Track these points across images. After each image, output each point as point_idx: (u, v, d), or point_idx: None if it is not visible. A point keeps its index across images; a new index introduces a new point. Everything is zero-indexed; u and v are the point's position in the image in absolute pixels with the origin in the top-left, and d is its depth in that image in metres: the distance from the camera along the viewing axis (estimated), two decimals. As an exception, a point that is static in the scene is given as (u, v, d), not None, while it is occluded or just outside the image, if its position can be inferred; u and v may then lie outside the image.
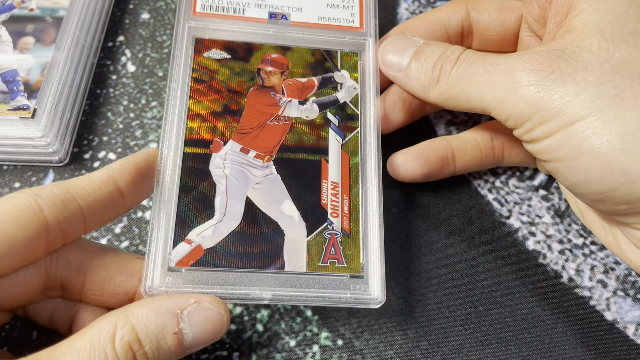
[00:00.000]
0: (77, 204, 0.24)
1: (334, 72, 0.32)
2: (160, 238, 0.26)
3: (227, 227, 0.27)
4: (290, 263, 0.27)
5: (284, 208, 0.28)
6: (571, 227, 0.33)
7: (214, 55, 0.31)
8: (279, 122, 0.30)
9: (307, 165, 0.29)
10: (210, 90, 0.30)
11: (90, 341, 0.21)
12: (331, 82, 0.31)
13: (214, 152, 0.29)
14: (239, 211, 0.28)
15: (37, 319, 0.28)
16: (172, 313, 0.23)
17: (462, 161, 0.32)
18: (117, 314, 0.23)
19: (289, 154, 0.29)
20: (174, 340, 0.23)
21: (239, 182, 0.28)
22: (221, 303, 0.25)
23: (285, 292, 0.26)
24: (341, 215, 0.28)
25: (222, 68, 0.31)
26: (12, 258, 0.23)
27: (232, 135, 0.29)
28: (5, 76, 0.35)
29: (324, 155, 0.29)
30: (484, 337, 0.30)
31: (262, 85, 0.31)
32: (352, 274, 0.27)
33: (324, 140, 0.30)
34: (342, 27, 0.33)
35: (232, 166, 0.29)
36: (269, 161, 0.29)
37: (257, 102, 0.30)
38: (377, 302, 0.27)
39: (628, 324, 0.30)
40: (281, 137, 0.30)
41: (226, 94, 0.30)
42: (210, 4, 0.32)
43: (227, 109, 0.30)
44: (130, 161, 0.26)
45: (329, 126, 0.30)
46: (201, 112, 0.29)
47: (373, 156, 0.30)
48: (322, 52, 0.32)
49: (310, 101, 0.31)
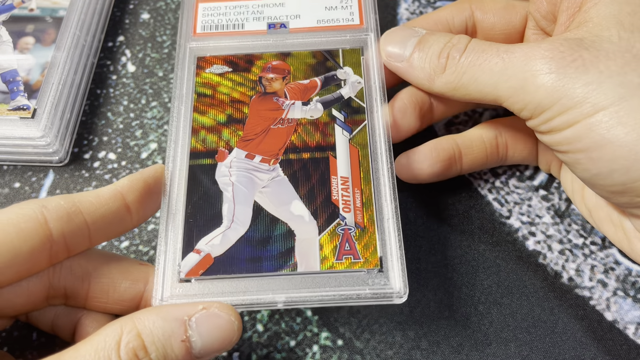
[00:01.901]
0: (83, 217, 0.24)
1: (337, 70, 0.31)
2: (169, 250, 0.26)
3: (235, 234, 0.27)
4: (302, 263, 0.26)
5: (293, 208, 0.28)
6: (571, 227, 0.33)
7: (215, 70, 0.32)
8: (283, 125, 0.30)
9: (315, 163, 0.29)
10: (213, 103, 0.31)
11: (95, 347, 0.21)
12: (334, 80, 0.31)
13: (219, 162, 0.29)
14: (247, 217, 0.27)
15: (39, 325, 0.28)
16: (179, 320, 0.22)
17: (468, 160, 0.32)
18: (123, 320, 0.22)
19: (295, 155, 0.29)
20: (182, 348, 0.22)
21: (246, 188, 0.28)
22: (231, 310, 0.24)
23: (300, 294, 0.25)
24: (354, 210, 0.28)
25: (225, 81, 0.31)
26: (14, 269, 0.23)
27: (237, 143, 0.29)
28: (6, 76, 0.35)
29: (332, 152, 0.29)
30: (484, 337, 0.30)
31: (264, 92, 0.31)
32: (370, 269, 0.26)
33: (330, 137, 0.30)
34: (342, 27, 0.33)
35: (238, 173, 0.29)
36: (274, 164, 0.29)
37: (260, 108, 0.30)
38: (399, 295, 0.25)
39: (628, 324, 0.30)
40: (286, 139, 0.30)
41: (229, 104, 0.31)
42: (210, 24, 0.33)
43: (231, 118, 0.30)
44: (139, 177, 0.26)
45: (335, 122, 0.30)
46: (206, 123, 0.30)
47: (383, 147, 0.29)
48: (322, 53, 0.32)
49: (314, 100, 0.31)
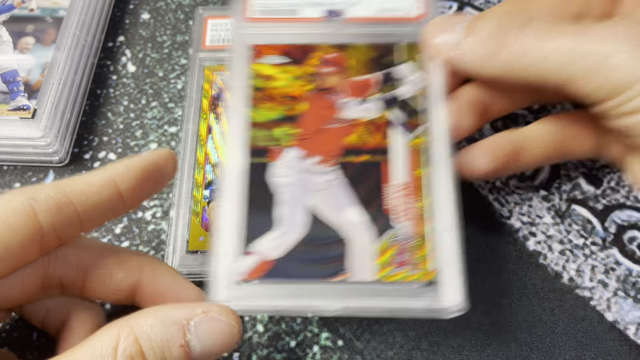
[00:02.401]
0: (74, 208, 0.23)
1: (395, 67, 0.29)
2: (223, 252, 0.25)
3: (290, 238, 0.26)
4: (357, 272, 0.25)
5: (349, 214, 0.26)
6: (572, 228, 0.33)
7: (270, 60, 0.30)
8: (339, 124, 0.28)
9: (371, 168, 0.27)
10: (268, 97, 0.29)
11: (92, 353, 0.21)
12: (393, 77, 0.29)
13: (273, 161, 0.27)
14: (301, 220, 0.26)
15: (31, 319, 0.27)
16: (178, 324, 0.22)
17: (528, 156, 0.30)
18: (120, 323, 0.22)
19: (352, 157, 0.27)
20: (181, 353, 0.22)
21: (300, 191, 0.27)
22: (231, 313, 0.23)
23: (354, 303, 0.24)
24: (411, 219, 0.26)
25: (280, 73, 0.29)
26: (5, 263, 0.22)
27: (292, 141, 0.28)
28: (6, 76, 0.35)
29: (389, 156, 0.27)
30: (484, 337, 0.30)
31: (320, 87, 0.29)
32: (425, 281, 0.25)
33: (388, 139, 0.28)
34: (402, 19, 0.31)
35: (292, 174, 0.27)
36: (331, 166, 0.27)
37: (316, 105, 0.29)
38: (452, 311, 0.24)
39: (629, 324, 0.30)
40: (342, 140, 0.28)
41: (284, 99, 0.29)
42: (263, 9, 0.31)
43: (285, 115, 0.28)
44: (137, 164, 0.25)
45: (393, 124, 0.28)
46: (259, 120, 0.28)
47: (444, 150, 0.27)
48: (381, 47, 0.30)
49: (372, 99, 0.29)
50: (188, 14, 0.41)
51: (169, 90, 0.38)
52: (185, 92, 0.37)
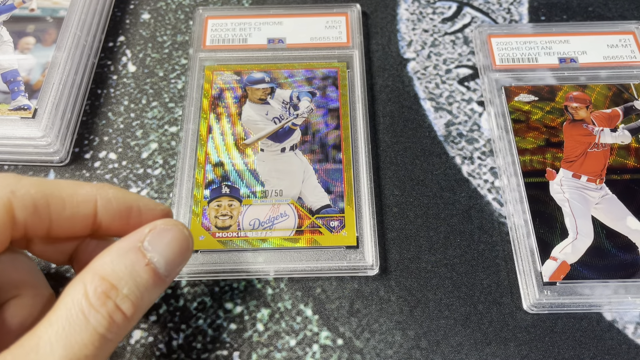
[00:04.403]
0: (49, 213, 0.23)
1: (634, 101, 0.36)
2: (528, 258, 0.31)
3: (583, 244, 0.31)
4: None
5: (629, 223, 0.32)
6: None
7: (522, 99, 0.36)
8: (598, 149, 0.34)
9: (633, 184, 0.33)
10: (529, 128, 0.35)
11: (65, 308, 0.21)
12: (633, 110, 0.36)
13: (550, 180, 0.33)
14: (589, 229, 0.31)
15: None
16: (134, 248, 0.23)
17: None
18: (81, 274, 0.22)
19: (617, 176, 0.33)
20: (148, 272, 0.23)
21: (581, 204, 0.32)
22: (175, 221, 0.24)
23: None
24: None
25: (534, 109, 0.36)
26: None
27: (561, 164, 0.34)
28: (6, 76, 0.35)
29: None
30: (484, 337, 0.30)
31: (572, 119, 0.35)
32: None
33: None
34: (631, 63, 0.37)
35: (570, 190, 0.33)
36: (600, 183, 0.33)
37: (573, 133, 0.35)
38: None
39: (627, 323, 0.30)
40: (604, 161, 0.34)
41: (544, 129, 0.35)
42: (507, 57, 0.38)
43: (548, 142, 0.34)
44: (128, 199, 0.25)
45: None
46: (527, 146, 0.34)
47: None
48: (616, 86, 0.36)
49: (621, 127, 0.35)
50: (188, 14, 0.41)
51: (169, 90, 0.38)
52: (185, 92, 0.37)
